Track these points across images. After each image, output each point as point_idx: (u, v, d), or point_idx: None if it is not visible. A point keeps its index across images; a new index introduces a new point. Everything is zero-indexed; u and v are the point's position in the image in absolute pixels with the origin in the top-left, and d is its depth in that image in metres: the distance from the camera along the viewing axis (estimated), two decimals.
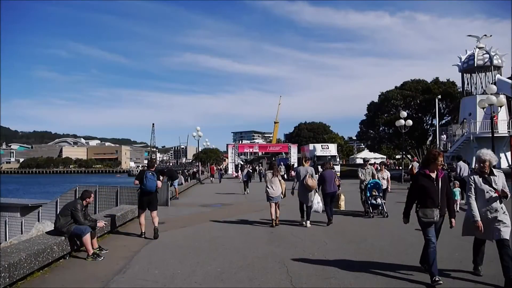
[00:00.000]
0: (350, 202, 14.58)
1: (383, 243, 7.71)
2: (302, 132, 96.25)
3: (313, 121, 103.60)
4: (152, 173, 8.78)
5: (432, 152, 5.20)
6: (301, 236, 8.56)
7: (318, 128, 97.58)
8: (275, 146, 58.33)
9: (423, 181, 5.11)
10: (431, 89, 38.55)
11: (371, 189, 11.24)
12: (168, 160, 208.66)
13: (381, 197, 11.26)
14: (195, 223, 10.73)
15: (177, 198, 18.15)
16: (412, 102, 39.24)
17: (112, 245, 7.83)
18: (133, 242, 8.16)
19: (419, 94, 38.93)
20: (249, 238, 8.49)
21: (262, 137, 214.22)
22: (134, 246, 7.81)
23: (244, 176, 23.31)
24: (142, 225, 8.80)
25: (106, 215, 9.57)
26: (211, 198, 18.38)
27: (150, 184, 8.72)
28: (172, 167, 29.59)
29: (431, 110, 38.36)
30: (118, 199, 14.77)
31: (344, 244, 7.70)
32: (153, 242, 8.15)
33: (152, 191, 8.75)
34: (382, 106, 40.70)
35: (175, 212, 13.20)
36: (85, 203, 7.21)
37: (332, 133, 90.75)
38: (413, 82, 41.37)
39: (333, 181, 10.29)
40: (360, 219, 10.79)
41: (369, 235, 8.49)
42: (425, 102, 38.32)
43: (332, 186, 10.26)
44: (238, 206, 15.02)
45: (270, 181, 9.96)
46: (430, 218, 5.04)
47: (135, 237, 8.71)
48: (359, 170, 11.85)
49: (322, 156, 34.68)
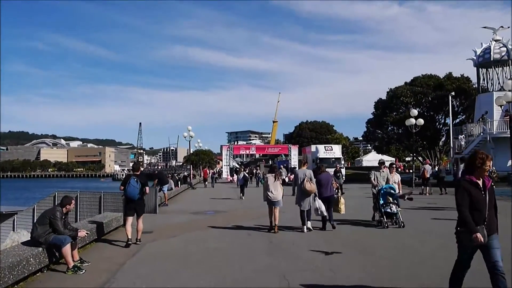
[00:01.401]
0: (358, 210, 14.58)
1: (394, 255, 7.68)
2: (304, 132, 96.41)
3: (315, 120, 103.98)
4: (137, 179, 8.79)
5: (479, 155, 4.55)
6: (303, 246, 8.51)
7: (321, 128, 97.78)
8: (274, 147, 58.50)
9: (470, 189, 4.47)
10: (443, 85, 38.73)
11: (385, 196, 10.86)
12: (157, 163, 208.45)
13: (396, 204, 10.77)
14: (186, 232, 10.67)
15: (166, 204, 18.06)
16: (423, 99, 39.40)
17: (94, 256, 7.75)
18: (118, 253, 8.09)
19: (431, 90, 39.10)
20: (246, 248, 8.44)
21: (260, 137, 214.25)
22: (119, 257, 7.73)
23: (240, 180, 23.28)
24: (128, 232, 8.91)
25: (90, 222, 9.52)
26: (203, 205, 18.31)
27: (131, 191, 8.79)
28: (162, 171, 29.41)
29: (444, 108, 38.54)
30: (101, 206, 14.69)
31: (351, 256, 7.66)
32: (140, 253, 8.08)
33: (133, 198, 8.82)
34: (391, 103, 40.83)
35: (164, 220, 13.12)
36: (65, 211, 7.13)
37: (336, 133, 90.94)
38: (424, 78, 41.55)
39: (329, 184, 10.74)
40: (371, 230, 10.46)
41: (378, 246, 8.45)
42: (437, 99, 38.49)
43: (329, 189, 10.71)
44: (233, 213, 14.98)
45: (271, 184, 10.26)
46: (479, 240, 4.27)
47: (120, 247, 8.65)
48: (371, 173, 11.52)
49: (326, 159, 34.77)
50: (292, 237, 9.60)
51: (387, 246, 8.35)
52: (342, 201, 11.40)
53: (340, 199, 11.32)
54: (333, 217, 10.77)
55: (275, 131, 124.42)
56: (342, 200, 11.45)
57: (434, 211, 14.45)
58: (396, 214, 10.69)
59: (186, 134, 38.80)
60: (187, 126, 38.89)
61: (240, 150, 52.28)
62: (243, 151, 53.53)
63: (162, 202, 17.90)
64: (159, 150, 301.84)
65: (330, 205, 10.78)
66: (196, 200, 21.29)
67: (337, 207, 11.16)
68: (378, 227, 10.68)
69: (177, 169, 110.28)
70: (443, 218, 12.14)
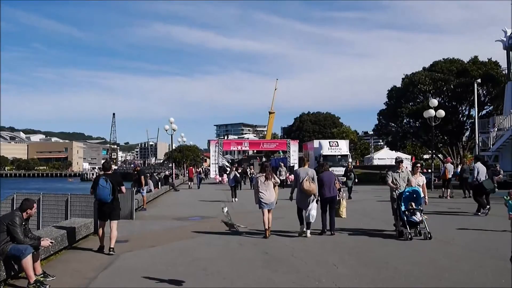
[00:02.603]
0: (370, 216, 14.68)
1: (411, 267, 7.74)
2: (305, 125, 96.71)
3: (319, 111, 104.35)
4: (106, 178, 8.84)
5: None
6: (304, 257, 8.58)
7: (325, 120, 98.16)
8: (270, 142, 58.43)
9: None
10: (468, 70, 38.92)
11: (407, 201, 10.40)
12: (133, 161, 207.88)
13: (421, 211, 10.44)
14: (168, 241, 10.70)
15: (144, 209, 18.07)
16: (445, 87, 39.56)
17: (60, 269, 7.75)
18: (88, 266, 8.10)
19: (453, 77, 39.27)
20: (238, 259, 8.48)
21: (254, 131, 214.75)
22: (89, 270, 7.74)
23: (231, 181, 23.32)
24: (101, 238, 9.09)
25: (55, 228, 9.51)
26: (188, 209, 18.34)
27: (101, 193, 8.90)
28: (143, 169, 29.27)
29: (468, 97, 38.74)
30: (68, 210, 14.60)
31: (360, 267, 7.73)
32: (113, 266, 8.09)
33: (104, 201, 8.97)
34: (407, 92, 41.00)
35: (142, 227, 13.15)
36: (26, 216, 7.11)
37: (343, 127, 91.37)
38: (446, 62, 41.72)
39: (332, 184, 11.10)
40: (389, 241, 10.15)
41: (391, 257, 8.53)
42: (461, 87, 38.66)
43: (331, 190, 11.07)
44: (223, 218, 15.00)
45: (263, 184, 10.81)
46: None
47: (90, 258, 8.67)
48: (389, 174, 11.09)
49: (330, 156, 34.91)
50: (291, 246, 9.66)
51: (409, 262, 8.28)
52: (343, 204, 11.64)
53: (341, 202, 11.56)
54: (335, 223, 11.11)
55: (271, 123, 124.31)
56: (344, 203, 11.68)
57: (458, 217, 14.57)
58: (421, 223, 10.36)
59: (168, 127, 38.74)
60: (168, 118, 38.90)
61: (230, 146, 52.17)
62: (234, 147, 53.39)
63: (140, 206, 17.89)
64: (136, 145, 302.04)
65: (333, 207, 11.19)
66: (180, 204, 21.33)
67: (338, 210, 11.45)
68: (399, 238, 10.31)
69: (157, 167, 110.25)
70: (471, 227, 11.88)
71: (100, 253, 9.04)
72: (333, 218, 11.12)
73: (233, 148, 55.03)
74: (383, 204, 18.44)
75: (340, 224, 11.80)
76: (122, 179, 9.62)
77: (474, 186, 15.47)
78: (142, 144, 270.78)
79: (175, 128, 39.06)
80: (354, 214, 15.38)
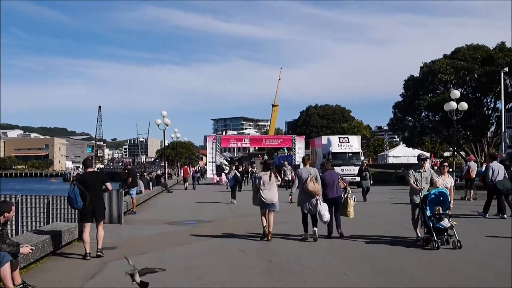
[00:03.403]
0: (389, 221, 14.67)
1: (428, 275, 7.74)
2: (312, 119, 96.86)
3: (327, 103, 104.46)
4: (74, 184, 9.29)
5: None
6: (311, 265, 8.59)
7: (334, 114, 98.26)
8: (274, 138, 58.38)
9: None
10: (494, 58, 38.72)
11: (433, 204, 10.08)
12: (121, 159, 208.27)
13: (448, 216, 10.08)
14: (160, 248, 10.72)
15: (134, 212, 18.10)
16: (468, 76, 39.41)
17: (42, 279, 7.76)
18: (72, 275, 8.11)
19: (477, 65, 39.10)
20: (238, 268, 8.50)
21: (255, 126, 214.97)
22: (73, 280, 7.76)
23: (231, 180, 23.36)
24: (86, 243, 9.18)
25: (36, 234, 9.50)
26: (182, 212, 18.37)
27: (70, 203, 9.36)
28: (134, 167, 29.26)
29: (494, 88, 38.58)
30: (50, 213, 14.64)
31: (374, 277, 7.74)
32: (100, 275, 8.10)
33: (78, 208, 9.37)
34: (425, 82, 40.88)
35: (132, 232, 13.17)
36: (3, 220, 7.12)
37: (354, 121, 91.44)
38: (469, 49, 41.54)
39: (335, 183, 11.51)
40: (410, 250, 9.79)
41: (407, 265, 8.54)
42: (486, 77, 38.50)
43: (335, 190, 11.49)
44: (222, 223, 15.09)
45: (266, 183, 11.23)
46: None
47: (75, 267, 8.69)
48: (410, 174, 10.74)
49: (340, 153, 34.80)
50: (297, 253, 9.69)
51: (428, 270, 8.27)
52: (351, 203, 11.96)
53: (349, 201, 11.94)
54: (341, 223, 11.52)
55: (275, 117, 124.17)
56: (351, 203, 11.99)
57: (483, 221, 14.57)
58: (449, 230, 9.97)
59: (160, 122, 38.79)
60: (161, 111, 38.90)
61: (229, 142, 52.11)
62: (233, 144, 53.34)
63: (129, 209, 17.92)
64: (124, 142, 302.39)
65: (338, 208, 11.64)
66: (173, 207, 21.34)
67: (346, 211, 11.87)
68: (425, 247, 9.89)
69: (148, 166, 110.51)
70: (500, 235, 11.55)
71: (85, 261, 9.06)
72: (339, 218, 11.57)
73: (232, 145, 55.02)
74: (399, 207, 18.45)
75: (351, 229, 11.82)
76: (105, 176, 9.79)
77: (488, 187, 15.50)
78: (131, 141, 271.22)
79: (168, 123, 39.11)
80: (366, 217, 15.40)
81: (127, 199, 17.66)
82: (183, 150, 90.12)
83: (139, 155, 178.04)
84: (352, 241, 10.94)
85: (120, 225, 14.61)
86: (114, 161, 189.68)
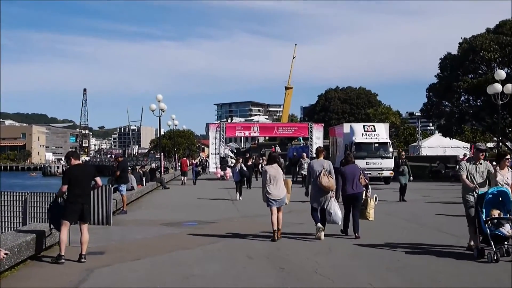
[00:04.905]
0: (423, 223, 14.54)
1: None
2: (332, 104, 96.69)
3: (350, 86, 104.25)
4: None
5: None
6: (330, 273, 8.53)
7: (358, 98, 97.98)
8: (287, 127, 58.05)
9: None
10: None
11: (489, 206, 9.52)
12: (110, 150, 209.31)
13: (510, 221, 9.42)
14: (156, 253, 10.68)
15: (124, 211, 18.10)
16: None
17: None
18: (52, 284, 8.12)
19: None
20: (246, 278, 8.45)
21: (266, 112, 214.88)
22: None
23: (236, 175, 23.36)
24: (62, 242, 9.31)
25: (11, 234, 9.47)
26: (181, 212, 18.35)
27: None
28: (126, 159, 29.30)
29: None
30: (27, 213, 14.70)
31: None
32: (86, 285, 8.07)
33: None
34: (465, 61, 40.59)
35: (122, 235, 13.16)
36: None
37: (381, 106, 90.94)
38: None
39: (356, 179, 11.85)
40: (459, 263, 9.23)
41: (442, 272, 8.46)
42: None
43: (355, 185, 11.84)
44: (226, 224, 15.02)
45: (273, 177, 11.61)
46: None
47: (56, 274, 8.66)
48: (461, 167, 10.20)
49: (365, 144, 34.61)
50: (314, 260, 9.61)
51: (468, 281, 8.12)
52: (371, 204, 12.16)
53: (369, 202, 12.17)
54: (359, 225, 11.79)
55: (288, 102, 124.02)
56: (372, 203, 12.18)
57: None
58: (511, 239, 9.31)
59: (155, 107, 38.67)
60: (156, 95, 38.79)
61: (236, 131, 51.83)
62: (240, 133, 53.03)
63: (119, 208, 17.93)
64: (114, 130, 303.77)
65: (357, 206, 11.97)
66: (170, 205, 21.34)
67: (365, 212, 12.11)
68: (479, 260, 9.23)
69: (140, 158, 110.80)
70: None
71: (69, 269, 9.01)
72: (357, 219, 11.85)
73: (239, 134, 54.70)
74: (434, 207, 18.38)
75: (376, 232, 11.78)
76: (95, 170, 9.86)
77: None
78: (121, 129, 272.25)
79: (164, 108, 38.96)
80: (395, 218, 15.38)
81: (116, 196, 17.65)
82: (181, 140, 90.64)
83: (130, 146, 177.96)
84: (379, 247, 10.82)
85: (109, 226, 14.59)
86: (101, 153, 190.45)
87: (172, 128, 62.72)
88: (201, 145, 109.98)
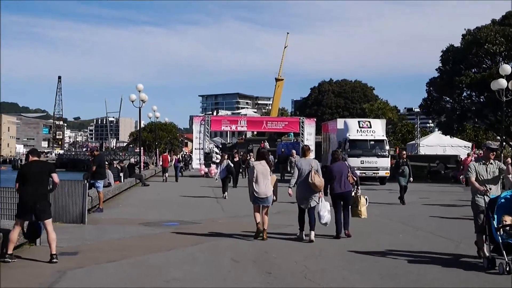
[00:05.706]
0: (420, 228, 14.63)
1: None
2: (325, 97, 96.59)
3: (345, 78, 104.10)
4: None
5: None
6: (321, 279, 8.58)
7: (353, 92, 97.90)
8: (277, 121, 57.92)
9: None
10: None
11: (502, 212, 9.11)
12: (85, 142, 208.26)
13: None
14: (133, 255, 10.68)
15: (101, 209, 18.06)
16: None
17: None
18: (20, 286, 8.13)
19: None
20: (230, 283, 8.48)
21: (254, 105, 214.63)
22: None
23: (222, 172, 23.37)
24: (11, 242, 9.36)
25: None
26: (161, 211, 18.36)
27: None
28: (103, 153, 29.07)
29: None
30: None
31: None
32: (58, 286, 8.09)
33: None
34: (468, 54, 40.75)
35: (98, 235, 13.15)
36: None
37: (378, 101, 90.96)
38: None
39: (344, 177, 12.31)
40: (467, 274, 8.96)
41: (440, 280, 8.54)
42: None
43: (343, 184, 12.29)
44: (210, 224, 15.01)
45: (260, 174, 11.87)
46: None
47: (23, 277, 8.64)
48: (470, 168, 9.92)
49: (360, 141, 34.70)
50: (303, 264, 9.64)
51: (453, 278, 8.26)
52: (362, 201, 12.77)
53: (359, 199, 12.84)
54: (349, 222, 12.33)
55: (279, 95, 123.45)
56: (363, 201, 12.80)
57: None
58: None
59: (135, 97, 38.50)
60: (136, 85, 38.65)
61: (221, 125, 51.64)
62: (226, 127, 52.79)
63: (95, 206, 17.90)
64: (90, 122, 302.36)
65: (347, 205, 12.46)
66: (150, 203, 21.30)
67: (357, 210, 12.82)
68: (489, 271, 8.93)
69: (118, 152, 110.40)
70: None
71: (39, 270, 9.00)
72: (347, 217, 12.37)
73: (225, 128, 54.60)
74: (432, 209, 18.51)
75: (370, 236, 11.87)
76: (53, 166, 9.93)
77: None
78: (98, 121, 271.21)
79: (144, 99, 38.80)
80: (390, 221, 15.48)
81: (92, 193, 17.61)
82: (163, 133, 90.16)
83: (107, 139, 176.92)
84: (374, 251, 10.84)
85: (83, 225, 14.51)
86: (76, 146, 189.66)
87: (153, 120, 62.46)
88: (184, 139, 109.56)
